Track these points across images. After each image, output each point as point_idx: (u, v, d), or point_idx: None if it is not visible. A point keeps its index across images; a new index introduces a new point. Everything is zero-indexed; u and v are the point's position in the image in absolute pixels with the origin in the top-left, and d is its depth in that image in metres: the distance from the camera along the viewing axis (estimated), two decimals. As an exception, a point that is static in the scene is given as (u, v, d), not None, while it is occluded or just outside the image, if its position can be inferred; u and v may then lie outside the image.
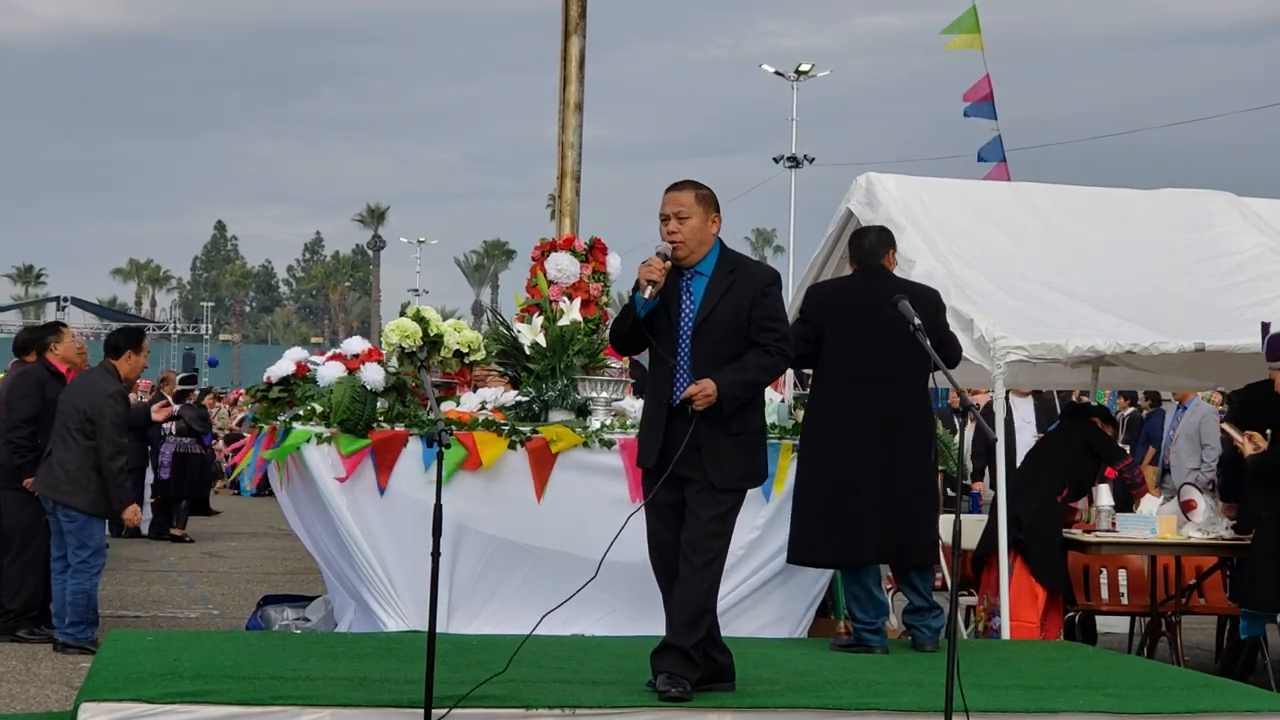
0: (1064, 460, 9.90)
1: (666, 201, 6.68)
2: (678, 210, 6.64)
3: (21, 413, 10.56)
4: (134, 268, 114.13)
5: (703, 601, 6.55)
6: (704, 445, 6.56)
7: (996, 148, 18.84)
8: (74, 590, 10.01)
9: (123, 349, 10.40)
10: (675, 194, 6.69)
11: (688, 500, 6.59)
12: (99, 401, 10.06)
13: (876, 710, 6.48)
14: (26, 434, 10.51)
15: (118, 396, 10.22)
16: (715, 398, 6.47)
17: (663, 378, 6.67)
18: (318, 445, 8.40)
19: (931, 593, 8.17)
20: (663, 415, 6.62)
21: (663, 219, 6.67)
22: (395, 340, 8.95)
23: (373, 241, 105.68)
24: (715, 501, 6.59)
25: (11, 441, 10.56)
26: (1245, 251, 10.48)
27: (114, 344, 10.50)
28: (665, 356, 6.62)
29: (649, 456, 6.67)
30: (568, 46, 10.43)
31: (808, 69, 56.38)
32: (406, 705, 6.06)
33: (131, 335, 10.70)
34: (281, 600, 9.95)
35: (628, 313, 6.63)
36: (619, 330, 6.75)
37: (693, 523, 6.57)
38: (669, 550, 6.61)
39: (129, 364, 10.40)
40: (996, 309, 9.30)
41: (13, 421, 10.57)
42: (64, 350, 10.93)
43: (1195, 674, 8.15)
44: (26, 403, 10.58)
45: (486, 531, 8.47)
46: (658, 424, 6.65)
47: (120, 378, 10.37)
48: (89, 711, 5.92)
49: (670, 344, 6.63)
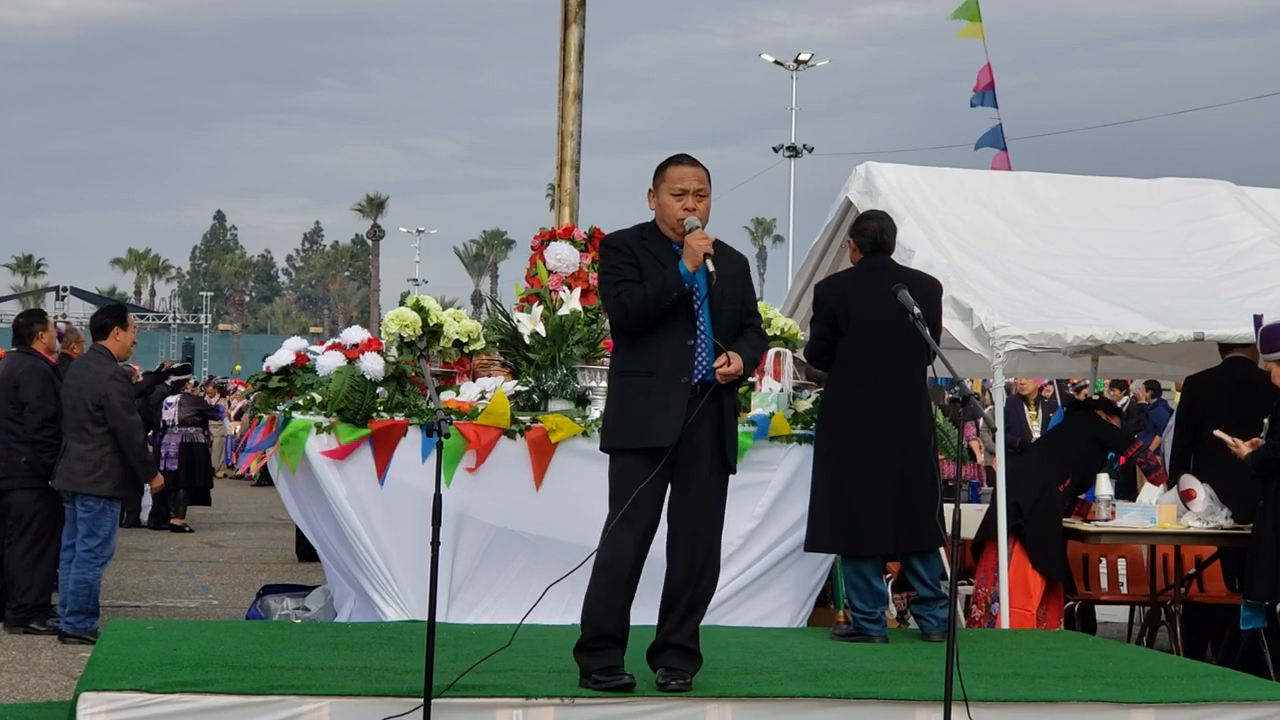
0: (1068, 451, 9.90)
1: (686, 176, 6.53)
2: (699, 187, 6.53)
3: (44, 412, 10.52)
4: (133, 257, 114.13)
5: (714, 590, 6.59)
6: (725, 423, 6.54)
7: (997, 137, 18.81)
8: (76, 579, 10.02)
9: (109, 327, 10.37)
10: (695, 169, 6.56)
11: (690, 483, 6.48)
12: (102, 385, 10.07)
13: (876, 699, 6.49)
14: (53, 433, 10.46)
15: (119, 376, 10.22)
16: (738, 374, 6.45)
17: (679, 354, 6.45)
18: (317, 435, 8.39)
19: (938, 582, 8.19)
20: (683, 392, 6.43)
21: (680, 194, 6.51)
22: (395, 330, 8.94)
23: (372, 231, 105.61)
24: (721, 484, 6.57)
25: (39, 442, 10.51)
26: (1244, 240, 10.47)
27: (100, 325, 10.44)
28: (685, 333, 6.46)
29: (668, 433, 6.38)
30: (567, 36, 10.43)
31: (807, 58, 56.38)
32: (406, 695, 6.06)
33: (114, 313, 10.65)
34: (281, 590, 9.96)
35: (671, 286, 6.39)
36: (659, 305, 6.40)
37: (703, 507, 6.51)
38: (650, 534, 6.50)
39: (118, 342, 10.37)
40: (996, 298, 9.30)
41: (37, 422, 10.52)
42: (49, 341, 10.90)
43: (1195, 663, 8.16)
44: (44, 402, 10.53)
45: (486, 521, 8.47)
46: (677, 401, 6.41)
47: (114, 358, 10.36)
48: (89, 701, 5.92)
49: (689, 320, 6.48)
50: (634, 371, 6.50)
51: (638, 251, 6.52)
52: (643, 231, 6.63)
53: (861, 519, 7.99)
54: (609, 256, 6.57)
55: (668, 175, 6.57)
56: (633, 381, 6.49)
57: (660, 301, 6.40)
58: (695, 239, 6.43)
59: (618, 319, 6.52)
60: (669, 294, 6.41)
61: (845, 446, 8.05)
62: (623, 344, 6.58)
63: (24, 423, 10.55)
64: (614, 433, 6.53)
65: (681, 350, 6.47)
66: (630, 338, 6.51)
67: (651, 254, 6.52)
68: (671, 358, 6.46)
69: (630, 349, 6.51)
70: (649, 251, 6.52)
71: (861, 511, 7.99)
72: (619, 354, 6.62)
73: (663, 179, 6.58)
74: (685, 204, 6.51)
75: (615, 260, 6.52)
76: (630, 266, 6.49)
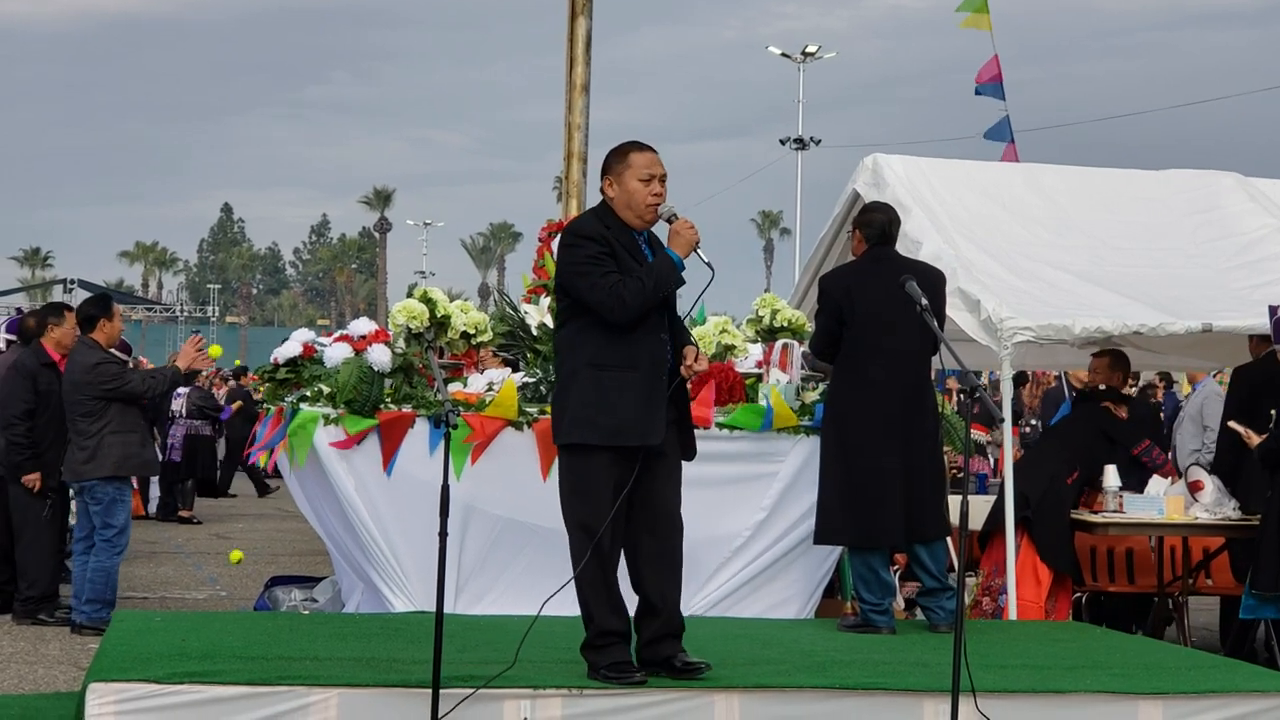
0: (1076, 444, 9.90)
1: (654, 162, 6.49)
2: (663, 173, 6.50)
3: (14, 409, 10.57)
4: (141, 250, 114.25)
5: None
6: (686, 416, 6.59)
7: (1005, 129, 18.78)
8: (95, 568, 10.03)
9: (96, 319, 10.35)
10: (656, 155, 6.54)
11: (658, 473, 6.45)
12: (91, 373, 10.06)
13: (884, 690, 6.49)
14: (23, 430, 10.52)
15: (106, 361, 10.17)
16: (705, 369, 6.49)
17: (656, 348, 6.43)
18: (324, 426, 8.39)
19: (944, 573, 8.19)
20: (664, 388, 6.40)
21: (648, 179, 6.45)
22: (402, 321, 8.94)
23: (379, 224, 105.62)
24: (679, 475, 6.59)
25: (10, 439, 10.58)
26: (1252, 232, 10.46)
27: (86, 317, 10.41)
28: (659, 326, 6.44)
29: (655, 432, 6.37)
30: (574, 28, 10.42)
31: (814, 51, 56.36)
32: (414, 685, 6.07)
33: (100, 303, 10.63)
34: (289, 581, 9.96)
35: (671, 277, 6.37)
36: (657, 297, 6.36)
37: (667, 499, 6.50)
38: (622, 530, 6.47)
39: (105, 333, 10.34)
40: (1003, 290, 9.29)
41: (6, 418, 10.60)
42: (60, 334, 10.81)
43: (1202, 654, 8.16)
44: (18, 399, 10.58)
45: (493, 512, 8.47)
46: (659, 397, 6.39)
47: (104, 348, 10.34)
48: (97, 692, 5.93)
49: (661, 313, 6.47)
50: (610, 365, 6.37)
51: (610, 240, 6.43)
52: (604, 220, 6.51)
53: (870, 511, 7.99)
54: (585, 246, 6.40)
55: (633, 161, 6.48)
56: (610, 375, 6.37)
57: (660, 293, 6.36)
58: (686, 228, 6.42)
59: (612, 310, 6.32)
60: (669, 285, 6.39)
61: (852, 439, 8.05)
62: (594, 335, 6.38)
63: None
64: (593, 428, 6.36)
65: (658, 344, 6.45)
66: (606, 329, 6.36)
67: (619, 243, 6.45)
68: (650, 352, 6.42)
69: (607, 341, 6.36)
70: (616, 240, 6.45)
71: (870, 503, 7.99)
72: (589, 346, 6.40)
73: (627, 165, 6.48)
74: (653, 190, 6.47)
75: (593, 250, 6.38)
76: (609, 257, 6.39)
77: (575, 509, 6.44)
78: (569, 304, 6.49)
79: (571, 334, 6.48)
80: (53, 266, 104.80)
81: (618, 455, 6.36)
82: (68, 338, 10.77)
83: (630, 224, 6.50)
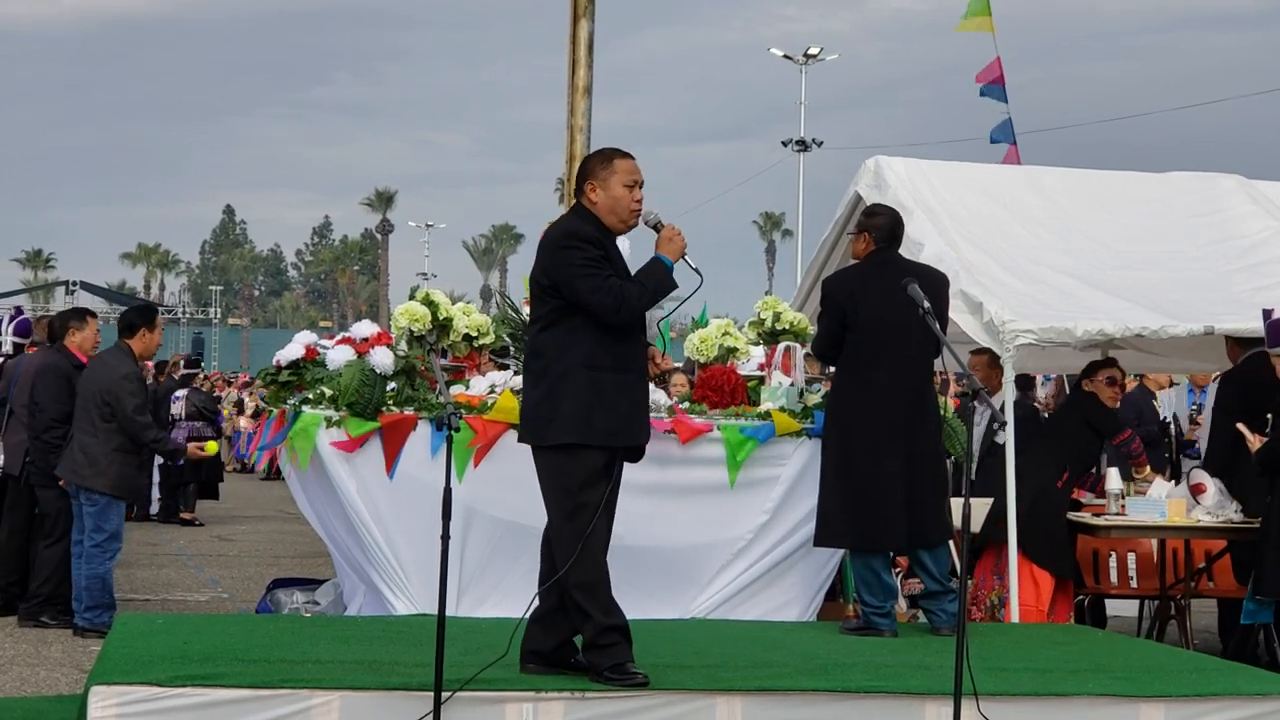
0: (1064, 440, 9.88)
1: (637, 169, 6.57)
2: (643, 180, 6.58)
3: (53, 412, 10.52)
4: (143, 252, 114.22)
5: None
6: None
7: (1007, 130, 18.79)
8: (88, 575, 10.04)
9: (137, 327, 10.38)
10: (636, 164, 6.59)
11: (617, 477, 6.51)
12: (115, 385, 10.07)
13: (885, 693, 6.49)
14: (60, 434, 10.45)
15: (132, 378, 10.20)
16: None
17: (641, 348, 6.55)
18: (327, 428, 8.40)
19: (946, 577, 8.19)
20: (648, 386, 6.48)
21: (632, 185, 6.52)
22: (405, 324, 8.95)
23: (381, 226, 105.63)
24: None
25: (45, 442, 10.54)
26: (1254, 234, 10.47)
27: (128, 323, 10.45)
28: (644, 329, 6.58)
29: (646, 431, 6.52)
30: (577, 30, 10.43)
31: (816, 52, 56.36)
32: (416, 688, 6.07)
33: (145, 313, 10.69)
34: (291, 584, 9.96)
35: (669, 281, 6.47)
36: (656, 300, 6.48)
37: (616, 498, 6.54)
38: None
39: (143, 342, 10.38)
40: (1005, 292, 9.29)
41: (45, 422, 10.55)
42: (81, 340, 10.81)
43: (1204, 657, 8.16)
44: (55, 403, 10.53)
45: (496, 515, 8.47)
46: (646, 398, 6.54)
47: (135, 358, 10.36)
48: (99, 695, 5.93)
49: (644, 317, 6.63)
50: (604, 367, 6.41)
51: (605, 244, 6.50)
52: (586, 223, 6.54)
53: (872, 514, 7.99)
54: (584, 249, 6.43)
55: (618, 168, 6.54)
56: (606, 377, 6.41)
57: (659, 298, 6.48)
58: (675, 234, 6.51)
59: (616, 313, 6.35)
60: (668, 289, 6.48)
61: (854, 442, 8.05)
62: (586, 337, 6.40)
63: (34, 422, 10.57)
64: (590, 429, 6.38)
65: (642, 347, 6.59)
66: (597, 331, 6.39)
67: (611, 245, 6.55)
68: (638, 354, 6.55)
69: (600, 343, 6.40)
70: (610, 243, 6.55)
71: (872, 506, 7.99)
72: (582, 348, 6.40)
73: (612, 170, 6.53)
74: (636, 195, 6.54)
75: (591, 253, 6.42)
76: (605, 260, 6.45)
77: (567, 509, 6.43)
78: (558, 305, 6.47)
79: (561, 335, 6.47)
80: (55, 268, 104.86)
81: (607, 456, 6.43)
82: (88, 343, 10.81)
83: (612, 228, 6.56)
